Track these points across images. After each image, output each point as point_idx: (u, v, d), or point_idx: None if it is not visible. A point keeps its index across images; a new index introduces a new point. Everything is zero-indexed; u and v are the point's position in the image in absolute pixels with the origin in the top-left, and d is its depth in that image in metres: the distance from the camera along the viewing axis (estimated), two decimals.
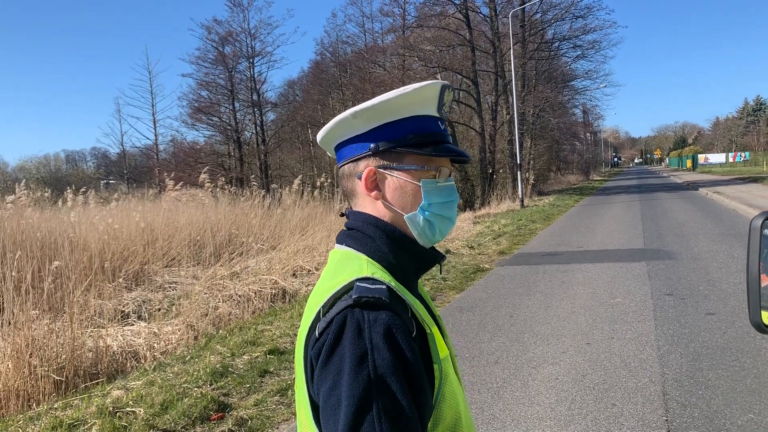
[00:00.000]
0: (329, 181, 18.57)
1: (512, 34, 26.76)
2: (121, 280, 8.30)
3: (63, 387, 5.28)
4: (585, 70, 39.62)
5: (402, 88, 1.16)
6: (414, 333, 1.04)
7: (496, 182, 28.95)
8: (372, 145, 1.17)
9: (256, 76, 39.43)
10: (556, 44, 35.11)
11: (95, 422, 4.17)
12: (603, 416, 4.15)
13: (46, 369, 5.25)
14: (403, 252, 1.17)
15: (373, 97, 1.21)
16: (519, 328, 6.52)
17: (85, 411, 4.39)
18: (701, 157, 76.24)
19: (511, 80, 26.83)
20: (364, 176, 1.18)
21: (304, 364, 1.07)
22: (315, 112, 40.67)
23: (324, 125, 1.24)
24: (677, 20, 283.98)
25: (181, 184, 15.55)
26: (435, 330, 1.11)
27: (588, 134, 75.09)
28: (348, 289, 1.05)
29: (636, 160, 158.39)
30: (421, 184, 1.18)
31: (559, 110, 39.83)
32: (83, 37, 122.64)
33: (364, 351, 0.98)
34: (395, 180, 1.18)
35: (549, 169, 44.48)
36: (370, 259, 1.14)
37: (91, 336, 6.14)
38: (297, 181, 16.66)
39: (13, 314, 5.76)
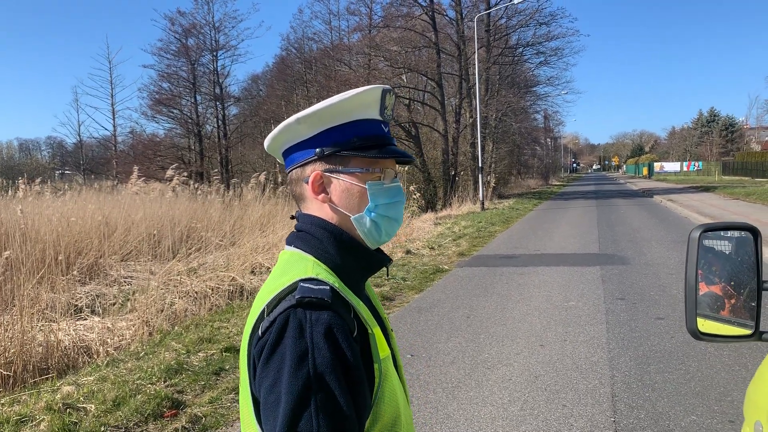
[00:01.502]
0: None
1: (477, 38, 27.03)
2: (75, 273, 8.12)
3: (11, 382, 5.14)
4: (547, 77, 40.40)
5: (343, 94, 1.19)
6: (355, 333, 1.07)
7: (458, 184, 29.20)
8: (317, 150, 1.19)
9: (219, 70, 38.93)
10: (520, 50, 35.62)
11: (44, 418, 4.08)
12: (554, 417, 4.25)
13: None
14: (349, 254, 1.20)
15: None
16: (475, 329, 6.61)
17: (33, 407, 4.29)
18: (657, 165, 78.24)
19: (475, 84, 27.09)
20: (310, 180, 1.20)
21: (247, 362, 1.09)
22: (279, 108, 40.32)
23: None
24: (637, 31, 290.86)
25: (143, 178, 15.26)
26: (377, 330, 1.14)
27: (548, 140, 76.41)
28: (292, 289, 1.07)
29: (594, 167, 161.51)
30: (366, 186, 1.20)
31: (521, 115, 40.39)
32: (40, 21, 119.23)
33: (305, 349, 1.00)
34: (341, 183, 1.20)
35: (510, 173, 45.02)
36: (316, 260, 1.16)
37: (41, 330, 6.00)
38: (262, 177, 16.52)
39: None
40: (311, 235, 1.20)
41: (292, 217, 1.31)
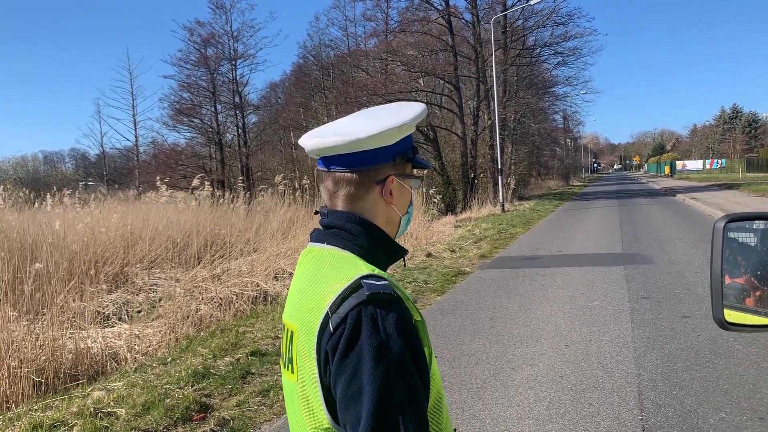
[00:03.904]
0: (309, 183, 18.53)
1: (494, 40, 26.98)
2: (102, 283, 8.25)
3: (43, 388, 5.26)
4: (565, 77, 40.13)
5: (418, 107, 1.34)
6: (413, 322, 1.15)
7: (478, 187, 29.11)
8: (396, 156, 1.30)
9: (238, 79, 39.31)
10: (538, 51, 35.45)
11: (76, 423, 4.17)
12: (580, 416, 4.24)
13: (26, 370, 5.23)
14: (380, 246, 1.30)
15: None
16: (499, 330, 6.60)
17: (65, 412, 4.38)
18: (679, 164, 77.28)
19: (493, 86, 27.03)
20: (386, 182, 1.30)
21: (317, 358, 1.14)
22: (297, 115, 40.59)
23: (306, 129, 1.35)
24: (656, 29, 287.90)
25: (170, 190, 15.45)
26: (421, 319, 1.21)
27: (568, 140, 75.82)
28: (356, 286, 1.13)
29: (615, 166, 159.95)
30: (411, 190, 1.37)
31: (540, 116, 40.17)
32: (63, 36, 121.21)
33: (381, 342, 1.07)
34: (403, 187, 1.34)
35: (529, 175, 44.81)
36: (356, 255, 1.23)
37: (71, 338, 6.12)
38: (278, 178, 16.64)
39: None
40: (346, 231, 1.27)
41: (316, 213, 1.36)
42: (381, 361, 1.06)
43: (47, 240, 8.84)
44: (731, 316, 1.40)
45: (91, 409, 4.40)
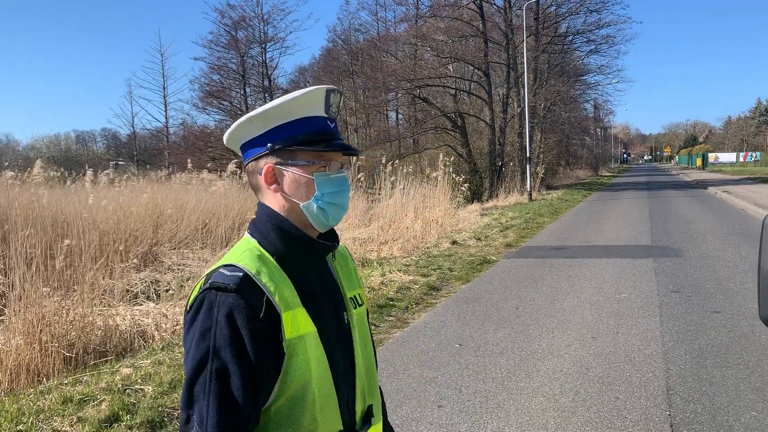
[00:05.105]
0: None
1: (525, 27, 26.61)
2: (133, 261, 8.36)
3: (72, 363, 5.35)
4: (598, 65, 39.52)
5: (289, 94, 1.31)
6: (262, 314, 1.20)
7: (505, 175, 28.85)
8: (269, 145, 1.32)
9: (268, 62, 39.52)
10: (570, 38, 34.92)
11: (105, 398, 4.24)
12: (606, 409, 4.19)
13: (56, 345, 5.33)
14: (289, 239, 1.32)
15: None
16: (524, 321, 6.55)
17: (94, 387, 4.46)
18: (711, 156, 75.73)
19: (523, 73, 26.70)
20: (263, 172, 1.33)
21: None
22: None
23: None
24: (691, 18, 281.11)
25: (206, 171, 15.58)
26: (295, 312, 1.25)
27: (598, 129, 74.66)
28: (210, 274, 1.25)
29: (645, 157, 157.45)
30: (313, 177, 1.32)
31: (571, 104, 39.61)
32: (96, 16, 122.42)
33: (209, 326, 1.18)
34: (290, 174, 1.32)
35: (558, 164, 44.28)
36: (258, 245, 1.31)
37: (100, 314, 6.21)
38: None
39: (24, 290, 5.83)
40: (259, 223, 1.35)
41: None
42: (201, 342, 1.17)
43: (79, 216, 8.98)
44: None
45: (119, 386, 4.47)
